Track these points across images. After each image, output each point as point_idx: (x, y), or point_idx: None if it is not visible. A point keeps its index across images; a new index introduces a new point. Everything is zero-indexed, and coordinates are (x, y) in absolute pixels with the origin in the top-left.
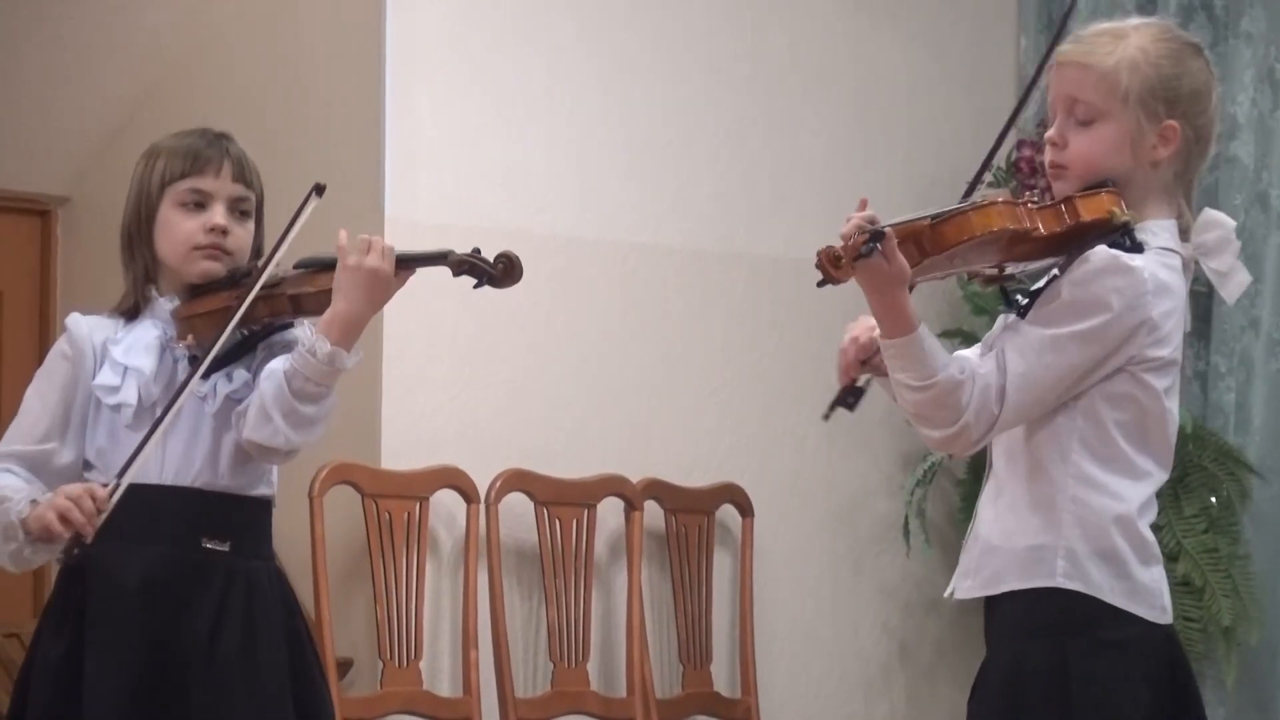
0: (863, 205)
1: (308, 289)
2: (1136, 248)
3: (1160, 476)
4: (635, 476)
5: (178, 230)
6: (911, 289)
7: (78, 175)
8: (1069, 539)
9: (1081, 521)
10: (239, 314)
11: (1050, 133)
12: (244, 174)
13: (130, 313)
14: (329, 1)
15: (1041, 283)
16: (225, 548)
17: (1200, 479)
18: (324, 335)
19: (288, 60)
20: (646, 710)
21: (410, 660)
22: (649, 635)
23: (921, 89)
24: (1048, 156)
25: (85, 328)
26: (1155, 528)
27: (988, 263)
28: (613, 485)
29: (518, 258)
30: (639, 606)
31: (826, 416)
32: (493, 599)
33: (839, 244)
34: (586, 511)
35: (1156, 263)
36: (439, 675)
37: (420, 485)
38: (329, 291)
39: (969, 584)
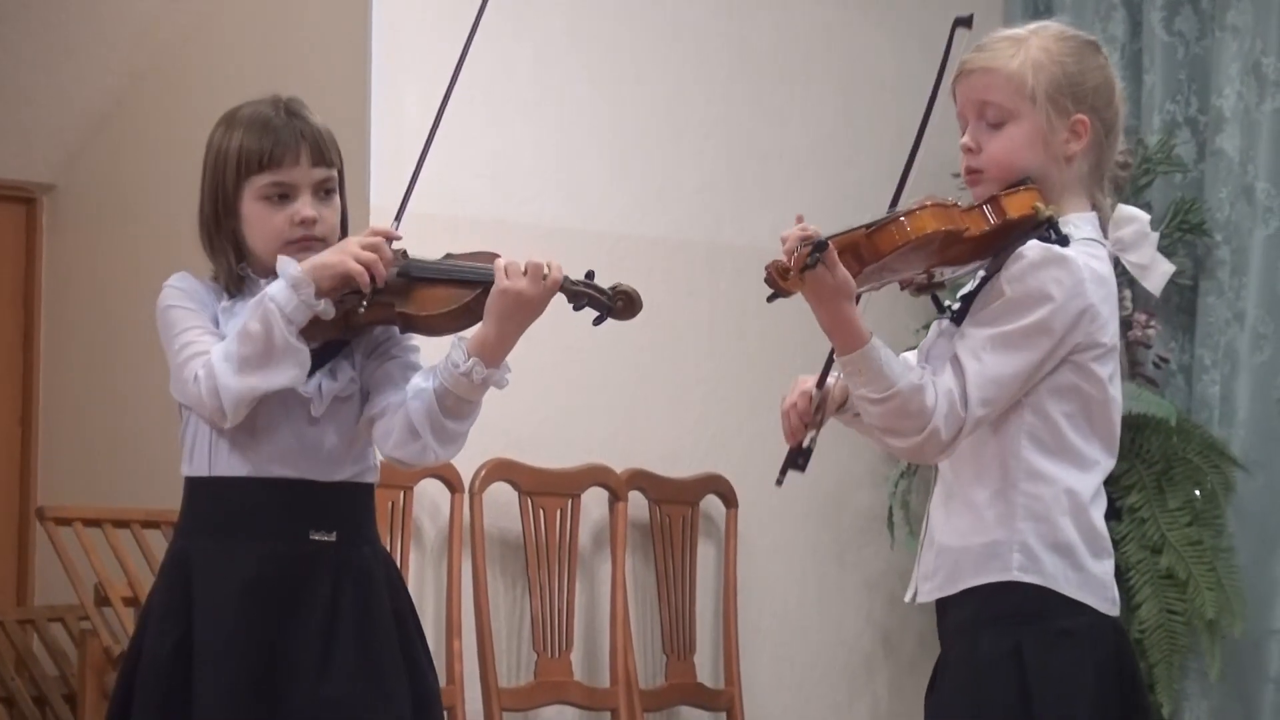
0: (798, 220)
1: (424, 311)
2: (1062, 241)
3: (1108, 464)
4: (620, 467)
5: (265, 226)
6: (857, 300)
7: (63, 163)
8: (1023, 533)
9: (1034, 515)
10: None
11: (964, 139)
12: (324, 154)
13: (228, 289)
14: None
15: (971, 286)
16: (332, 538)
17: (1185, 472)
18: (479, 357)
19: (274, 49)
20: (630, 701)
21: None
22: (633, 626)
23: (907, 80)
24: (963, 164)
25: (189, 285)
26: (1139, 519)
27: (920, 268)
28: (597, 475)
29: (637, 293)
30: (623, 597)
31: (779, 482)
32: (476, 589)
33: (782, 261)
34: (571, 501)
35: (1085, 253)
36: None
37: (404, 475)
38: (445, 316)
39: (929, 587)
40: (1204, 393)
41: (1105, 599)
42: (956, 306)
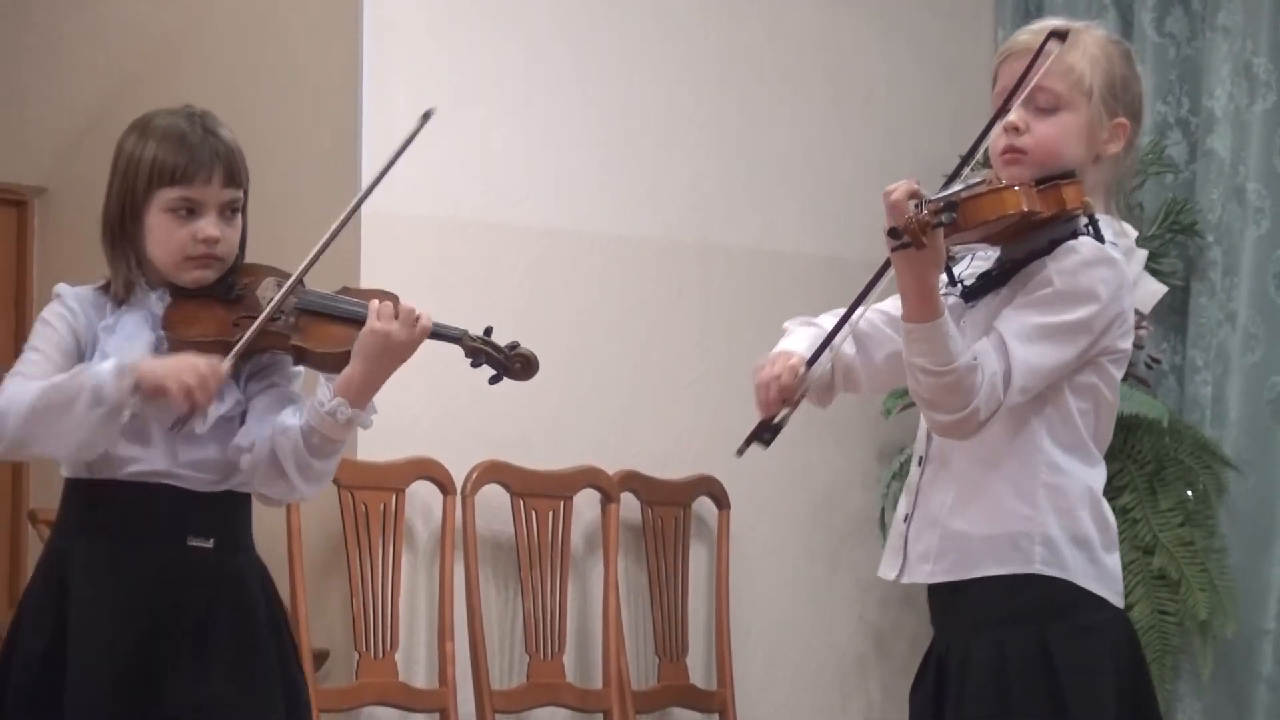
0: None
1: (319, 348)
2: (1099, 236)
3: (1104, 464)
4: (611, 468)
5: (168, 239)
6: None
7: (54, 165)
8: (1045, 525)
9: (1056, 508)
10: (245, 340)
11: (1012, 117)
12: (235, 175)
13: (118, 297)
14: None
15: (985, 266)
16: (209, 544)
17: (1177, 472)
18: (343, 397)
19: (265, 51)
20: (622, 702)
21: (386, 652)
22: (625, 627)
23: (898, 81)
24: (1004, 141)
25: (77, 303)
26: (1132, 520)
27: (972, 240)
28: (589, 477)
29: (535, 356)
30: (615, 598)
31: (740, 453)
32: (469, 591)
33: (898, 212)
34: (563, 503)
35: (1122, 254)
36: (415, 667)
37: (396, 477)
38: (338, 355)
39: (930, 569)
40: (1196, 393)
41: (1117, 592)
42: (968, 284)
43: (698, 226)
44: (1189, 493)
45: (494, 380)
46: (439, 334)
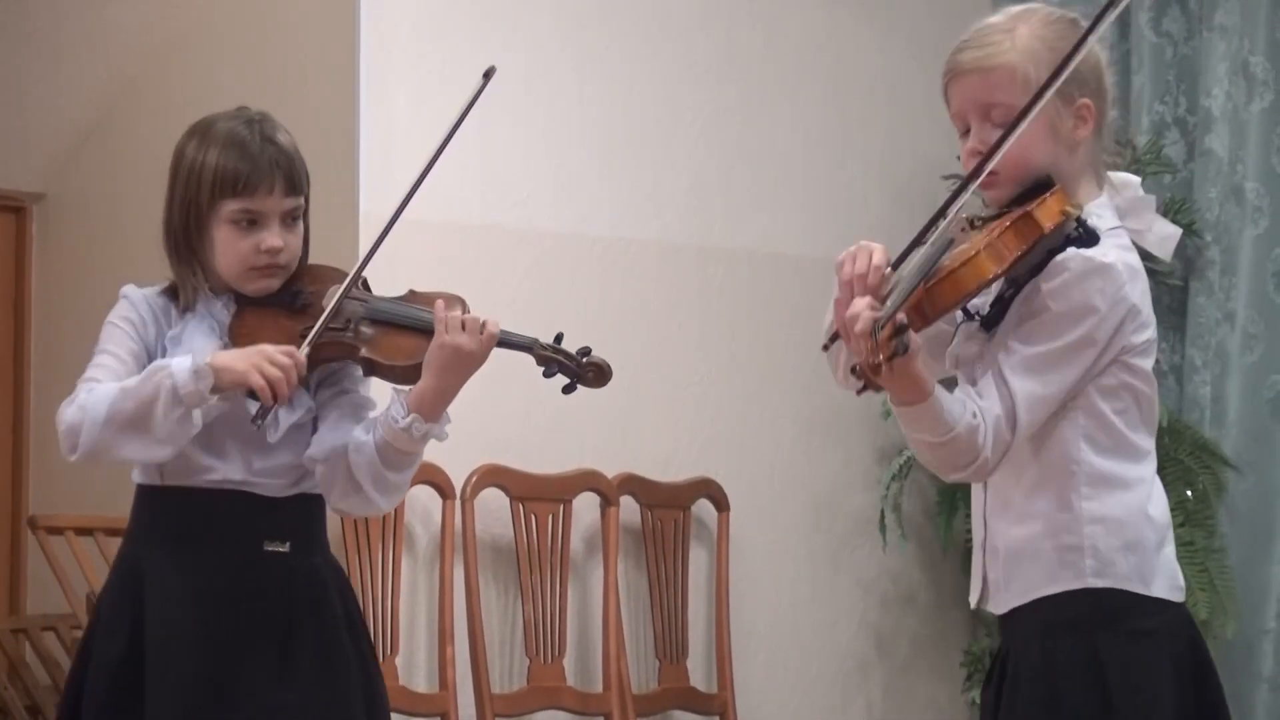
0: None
1: (389, 360)
2: (1091, 235)
3: (1153, 449)
4: (611, 471)
5: (231, 250)
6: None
7: (53, 172)
8: (1092, 536)
9: (1102, 519)
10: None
11: (971, 143)
12: (295, 183)
13: (185, 305)
14: None
15: (998, 287)
16: (285, 549)
17: (1176, 472)
18: (418, 413)
19: (262, 55)
20: (623, 705)
21: (386, 656)
22: (625, 630)
23: (898, 82)
24: (973, 168)
25: (145, 307)
26: None
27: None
28: (588, 480)
29: (608, 366)
30: (615, 602)
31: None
32: (469, 594)
33: (858, 348)
34: (562, 507)
35: (1118, 247)
36: (415, 671)
37: None
38: (409, 369)
39: (1005, 596)
40: (1195, 393)
41: (1175, 587)
42: (985, 312)
43: (697, 229)
44: (1188, 493)
45: (568, 390)
46: (507, 342)
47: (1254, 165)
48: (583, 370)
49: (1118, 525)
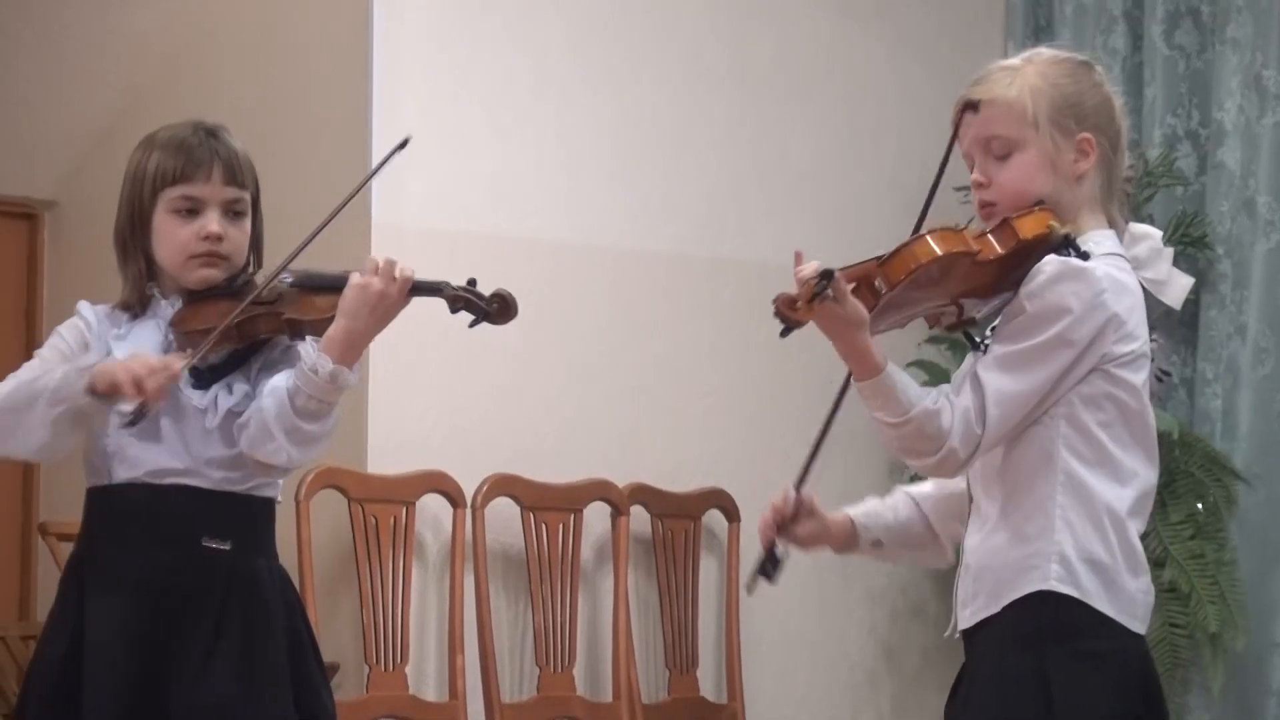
0: (798, 259)
1: (307, 315)
2: (1082, 258)
3: (1148, 476)
4: (622, 481)
5: (172, 238)
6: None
7: (65, 179)
8: (1061, 543)
9: (1072, 526)
10: (220, 329)
11: (974, 175)
12: (235, 175)
13: (131, 309)
14: (317, 5)
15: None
16: (226, 547)
17: (1187, 485)
18: (326, 354)
19: (275, 64)
20: (633, 715)
21: (396, 665)
22: (635, 640)
23: (909, 94)
24: (976, 200)
25: (93, 315)
26: (1141, 535)
27: (943, 300)
28: (599, 490)
29: (513, 297)
30: (625, 611)
31: (749, 589)
32: (479, 604)
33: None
34: (573, 516)
35: (1107, 264)
36: (425, 680)
37: (406, 489)
38: (328, 320)
39: (968, 612)
40: (1206, 406)
41: (1136, 617)
42: (989, 342)
43: (709, 240)
44: (1199, 505)
45: (473, 324)
46: (421, 288)
47: (1266, 179)
48: (488, 304)
49: (1086, 538)
